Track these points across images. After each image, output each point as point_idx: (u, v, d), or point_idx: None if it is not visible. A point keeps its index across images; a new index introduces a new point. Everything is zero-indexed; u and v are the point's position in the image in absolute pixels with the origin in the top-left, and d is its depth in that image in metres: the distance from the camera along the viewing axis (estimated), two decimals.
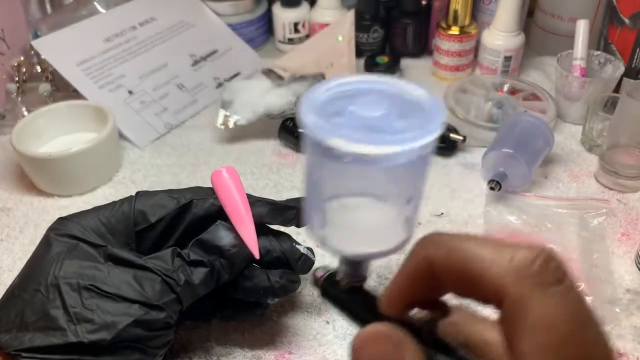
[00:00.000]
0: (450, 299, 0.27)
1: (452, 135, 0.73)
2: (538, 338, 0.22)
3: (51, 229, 0.46)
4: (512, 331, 0.22)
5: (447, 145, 0.74)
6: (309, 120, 0.25)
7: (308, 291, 0.56)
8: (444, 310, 0.28)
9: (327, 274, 0.33)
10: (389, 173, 0.27)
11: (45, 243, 0.44)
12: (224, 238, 0.45)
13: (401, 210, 0.28)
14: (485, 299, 0.24)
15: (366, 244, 0.29)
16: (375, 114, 0.26)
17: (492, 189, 0.65)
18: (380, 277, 0.57)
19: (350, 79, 0.28)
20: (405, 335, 0.26)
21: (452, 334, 0.29)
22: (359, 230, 0.29)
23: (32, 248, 0.45)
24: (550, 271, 0.22)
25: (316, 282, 0.34)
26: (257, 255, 0.45)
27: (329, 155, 0.25)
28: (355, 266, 0.31)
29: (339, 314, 0.33)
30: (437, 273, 0.25)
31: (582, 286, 0.55)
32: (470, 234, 0.25)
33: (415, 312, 0.27)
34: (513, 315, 0.22)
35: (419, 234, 0.65)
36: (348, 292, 0.32)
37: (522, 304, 0.22)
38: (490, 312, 0.25)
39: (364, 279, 0.32)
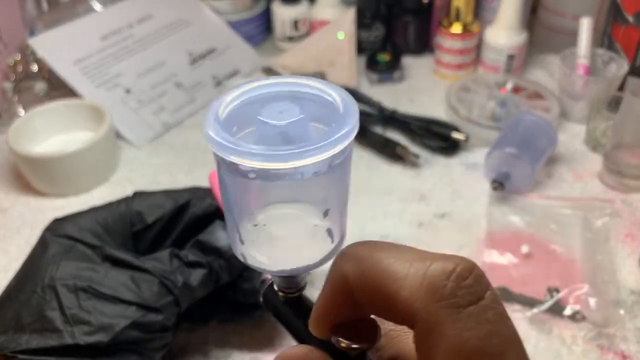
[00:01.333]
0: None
1: (454, 134, 0.72)
2: None
3: (47, 229, 0.45)
4: (426, 356, 0.21)
5: (449, 145, 0.73)
6: (211, 134, 0.24)
7: (307, 292, 0.55)
8: (373, 336, 0.26)
9: (269, 282, 0.31)
10: (301, 185, 0.25)
11: (42, 244, 0.44)
12: (222, 239, 0.45)
13: (320, 223, 0.27)
14: (399, 321, 0.22)
15: (286, 260, 0.28)
16: (286, 120, 0.25)
17: (495, 189, 0.65)
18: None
19: (264, 82, 0.27)
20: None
21: (382, 347, 0.27)
22: (277, 246, 0.28)
23: (28, 249, 0.45)
24: (465, 289, 0.20)
25: (260, 288, 0.32)
26: None
27: (233, 171, 0.24)
28: (286, 279, 0.30)
29: (279, 324, 0.31)
30: (354, 291, 0.23)
31: (585, 288, 0.55)
32: (389, 245, 0.23)
33: (341, 341, 0.26)
34: (426, 340, 0.21)
35: (421, 234, 0.64)
36: (285, 302, 0.31)
37: (434, 328, 0.20)
38: None
39: (300, 289, 0.30)
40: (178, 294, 0.42)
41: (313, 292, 0.31)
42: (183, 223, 0.48)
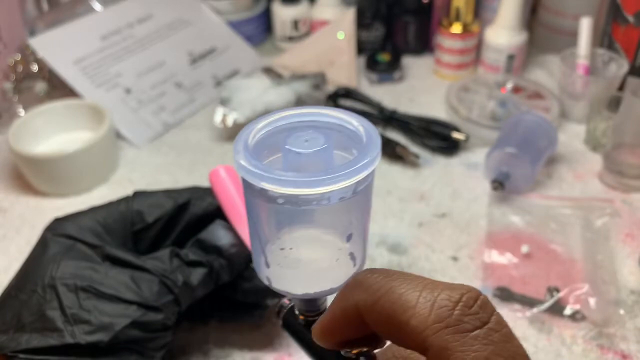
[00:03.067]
0: None
1: (454, 134, 0.73)
2: None
3: (48, 229, 0.45)
4: None
5: (449, 145, 0.73)
6: (241, 162, 0.25)
7: None
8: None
9: (289, 306, 0.32)
10: (326, 211, 0.27)
11: (42, 243, 0.44)
12: (222, 238, 0.45)
13: (343, 247, 0.28)
14: (412, 347, 0.23)
15: (310, 283, 0.29)
16: (312, 149, 0.26)
17: (495, 189, 0.65)
18: None
19: (290, 113, 0.28)
20: None
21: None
22: (302, 271, 0.29)
23: (29, 249, 0.45)
24: (471, 316, 0.22)
25: (279, 311, 0.33)
26: None
27: (262, 196, 0.25)
28: (308, 302, 0.31)
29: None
30: (365, 319, 0.24)
31: (585, 288, 0.55)
32: (399, 273, 0.24)
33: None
34: None
35: (421, 234, 0.64)
36: (306, 325, 0.31)
37: (443, 353, 0.22)
38: None
39: (319, 312, 0.31)
40: (178, 293, 0.42)
41: None
42: (183, 222, 0.48)
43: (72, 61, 0.78)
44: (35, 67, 0.83)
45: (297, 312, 0.32)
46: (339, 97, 0.80)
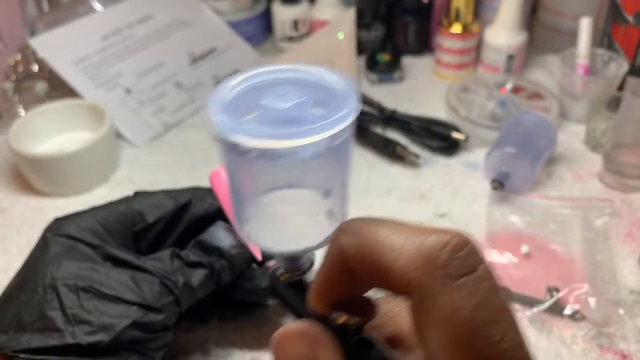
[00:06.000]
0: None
1: (454, 134, 0.73)
2: (443, 334, 0.21)
3: (48, 229, 0.45)
4: (421, 324, 0.22)
5: (449, 145, 0.73)
6: (214, 118, 0.25)
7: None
8: (370, 312, 0.27)
9: (274, 267, 0.32)
10: (301, 166, 0.26)
11: (42, 243, 0.44)
12: (224, 239, 0.45)
13: (321, 203, 0.28)
14: (396, 291, 0.23)
15: (288, 240, 0.29)
16: (287, 104, 0.25)
17: (495, 189, 0.65)
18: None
19: (264, 70, 0.28)
20: (325, 335, 0.25)
21: (381, 326, 0.28)
22: (279, 227, 0.29)
23: (29, 249, 0.45)
24: (459, 260, 0.21)
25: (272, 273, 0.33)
26: (259, 257, 0.44)
27: (235, 151, 0.25)
28: (289, 261, 0.30)
29: (283, 308, 0.32)
30: (351, 264, 0.24)
31: (585, 287, 0.55)
32: (387, 219, 0.24)
33: (339, 317, 0.27)
34: (421, 309, 0.21)
35: None
36: (289, 285, 0.31)
37: (428, 297, 0.21)
38: None
39: (302, 272, 0.31)
40: (179, 294, 0.42)
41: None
42: (184, 223, 0.48)
43: (72, 61, 0.79)
44: (35, 67, 0.83)
45: (277, 272, 0.31)
46: None
